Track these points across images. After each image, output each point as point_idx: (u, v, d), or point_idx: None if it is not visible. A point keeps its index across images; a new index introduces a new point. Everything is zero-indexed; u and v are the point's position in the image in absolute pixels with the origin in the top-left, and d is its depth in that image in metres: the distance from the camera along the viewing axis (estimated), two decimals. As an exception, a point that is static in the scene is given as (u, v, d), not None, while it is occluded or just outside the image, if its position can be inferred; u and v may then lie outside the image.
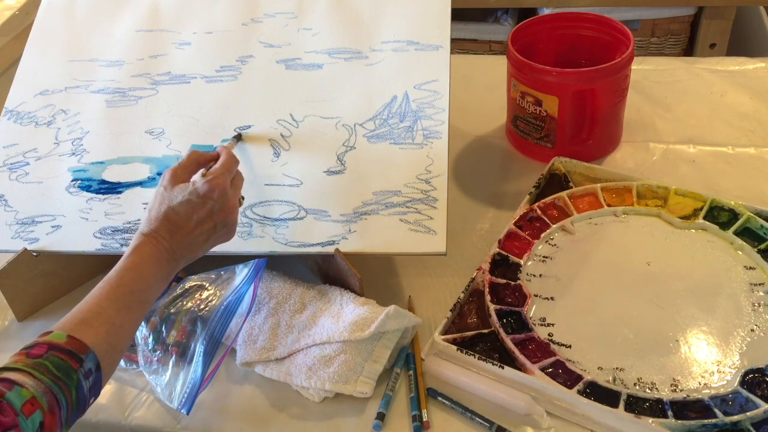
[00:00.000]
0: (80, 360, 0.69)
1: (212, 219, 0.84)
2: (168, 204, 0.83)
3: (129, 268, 0.79)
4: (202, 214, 0.84)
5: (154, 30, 1.12)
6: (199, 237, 0.84)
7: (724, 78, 1.32)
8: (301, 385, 0.86)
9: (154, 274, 0.80)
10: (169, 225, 0.82)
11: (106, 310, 0.74)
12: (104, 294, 0.76)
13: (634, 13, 1.96)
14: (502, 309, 0.91)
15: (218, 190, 0.84)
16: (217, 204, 0.84)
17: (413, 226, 0.93)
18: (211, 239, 0.86)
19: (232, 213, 0.87)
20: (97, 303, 0.75)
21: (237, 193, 0.89)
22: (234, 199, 0.88)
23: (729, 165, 1.14)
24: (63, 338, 0.70)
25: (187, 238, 0.83)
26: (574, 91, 1.09)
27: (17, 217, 1.02)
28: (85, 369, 0.69)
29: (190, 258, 0.86)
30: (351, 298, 0.91)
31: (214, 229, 0.85)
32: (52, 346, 0.69)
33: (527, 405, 0.82)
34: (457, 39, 2.10)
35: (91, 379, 0.70)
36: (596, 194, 1.06)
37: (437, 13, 1.04)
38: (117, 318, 0.75)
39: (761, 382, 0.81)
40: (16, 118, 1.09)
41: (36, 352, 0.68)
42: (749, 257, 0.95)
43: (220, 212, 0.85)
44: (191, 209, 0.83)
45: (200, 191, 0.84)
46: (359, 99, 1.01)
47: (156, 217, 0.83)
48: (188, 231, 0.83)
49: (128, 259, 0.79)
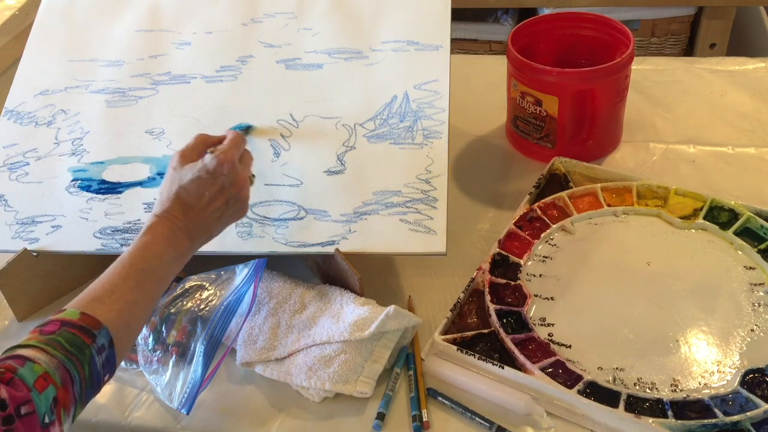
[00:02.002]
0: (93, 335, 0.69)
1: (224, 194, 0.85)
2: (179, 183, 0.84)
3: (141, 247, 0.79)
4: (214, 190, 0.84)
5: (154, 30, 1.12)
6: (213, 214, 0.85)
7: (724, 78, 1.32)
8: (301, 385, 0.86)
9: (167, 253, 0.80)
10: (182, 204, 0.83)
11: (118, 287, 0.75)
12: (116, 273, 0.76)
13: (634, 13, 1.96)
14: (502, 309, 0.91)
15: (227, 165, 0.84)
16: (228, 179, 0.85)
17: (413, 226, 0.93)
18: (225, 216, 0.86)
19: (243, 188, 0.87)
20: (110, 281, 0.75)
21: (247, 169, 0.90)
22: (244, 173, 0.88)
23: (729, 165, 1.14)
24: (76, 315, 0.70)
25: (200, 215, 0.84)
26: (574, 91, 1.09)
27: (17, 217, 1.01)
28: (98, 344, 0.69)
29: (207, 237, 0.86)
30: (351, 298, 0.91)
31: (227, 205, 0.86)
32: (65, 322, 0.69)
33: (527, 405, 0.82)
34: (457, 39, 2.10)
35: (105, 355, 0.70)
36: (596, 194, 1.06)
37: (437, 13, 1.04)
38: (130, 295, 0.75)
39: (761, 382, 0.81)
40: (16, 118, 1.09)
41: (49, 329, 0.68)
42: (749, 257, 0.95)
43: (231, 187, 0.85)
44: (203, 186, 0.83)
45: (209, 167, 0.84)
46: (359, 99, 1.01)
47: (168, 198, 0.83)
48: (201, 208, 0.83)
49: (141, 240, 0.80)
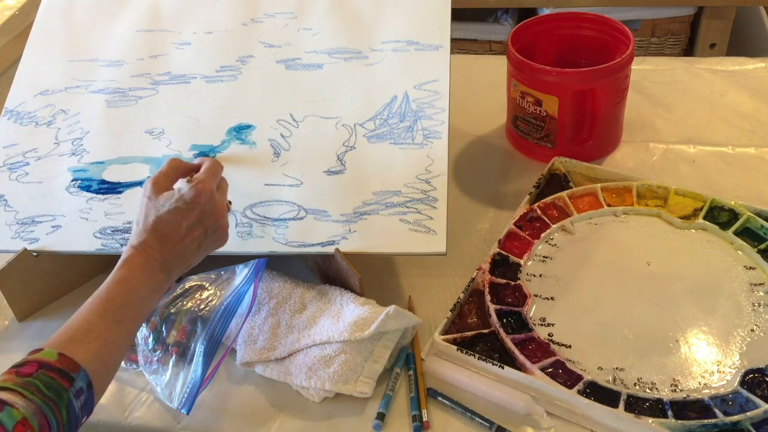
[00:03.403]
0: (71, 379, 0.68)
1: (203, 224, 0.83)
2: (156, 213, 0.81)
3: (118, 281, 0.77)
4: (192, 220, 0.82)
5: (154, 30, 1.12)
6: (191, 244, 0.83)
7: (724, 78, 1.32)
8: (301, 385, 0.86)
9: (144, 286, 0.79)
10: (159, 235, 0.81)
11: (96, 326, 0.73)
12: (94, 309, 0.75)
13: (634, 13, 1.96)
14: (502, 309, 0.91)
15: (205, 195, 0.83)
16: (206, 209, 0.83)
17: (413, 226, 0.93)
18: (203, 246, 0.85)
19: (222, 217, 0.86)
20: (87, 319, 0.74)
21: (224, 197, 0.88)
22: (222, 203, 0.86)
23: (729, 165, 1.14)
24: (54, 356, 0.68)
25: (178, 246, 0.82)
26: (574, 91, 1.09)
27: (17, 217, 1.01)
28: (75, 388, 0.68)
29: (184, 267, 0.84)
30: (351, 298, 0.91)
31: (206, 234, 0.84)
32: (42, 364, 0.67)
33: (527, 405, 0.81)
34: (457, 39, 2.10)
35: (83, 398, 0.69)
36: (596, 194, 1.06)
37: (437, 13, 1.04)
38: (108, 334, 0.73)
39: (761, 382, 0.81)
40: (16, 118, 1.08)
41: (26, 371, 0.67)
42: (749, 257, 0.95)
43: (210, 217, 0.84)
44: (180, 216, 0.81)
45: (187, 197, 0.82)
46: (359, 99, 1.01)
47: (145, 229, 0.81)
48: (179, 239, 0.82)
49: (117, 273, 0.78)
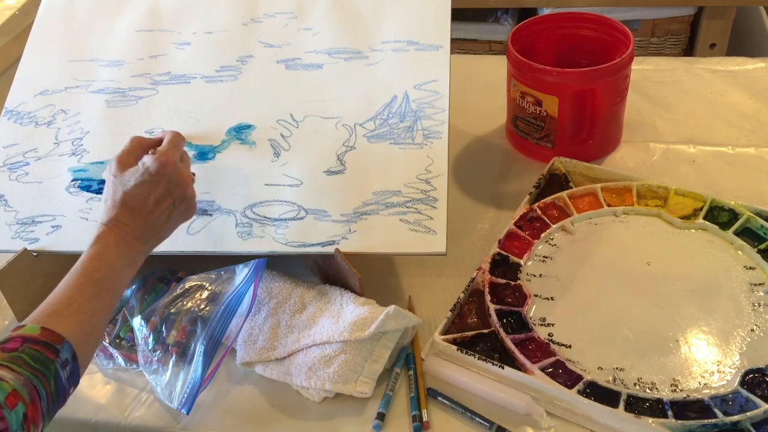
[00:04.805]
0: (56, 350, 0.69)
1: (170, 195, 0.85)
2: (123, 189, 0.83)
3: (93, 257, 0.79)
4: (159, 192, 0.84)
5: (154, 30, 1.12)
6: (160, 216, 0.84)
7: (724, 78, 1.32)
8: (301, 385, 0.86)
9: (119, 260, 0.80)
10: (128, 210, 0.82)
11: (75, 300, 0.74)
12: (72, 285, 0.76)
13: (634, 13, 1.96)
14: (502, 309, 0.91)
15: (170, 166, 0.84)
16: (173, 179, 0.84)
17: (413, 226, 0.93)
18: (173, 217, 0.86)
19: (188, 186, 0.87)
20: (67, 294, 0.75)
21: (188, 168, 0.90)
22: (187, 173, 0.88)
23: (729, 165, 1.14)
24: (36, 330, 0.70)
25: (148, 220, 0.83)
26: (574, 91, 1.09)
27: (17, 217, 1.01)
28: (61, 359, 0.69)
29: (157, 239, 0.86)
30: (351, 298, 0.91)
31: (174, 205, 0.86)
32: (27, 338, 0.69)
33: (527, 405, 0.81)
34: (457, 39, 2.10)
35: (69, 369, 0.70)
36: (596, 194, 1.06)
37: (437, 13, 1.04)
38: (88, 307, 0.75)
39: (761, 382, 0.81)
40: (16, 118, 1.09)
41: (11, 346, 0.68)
42: (749, 257, 0.95)
43: (177, 187, 0.85)
44: (147, 189, 0.83)
45: (152, 169, 0.83)
46: (359, 99, 1.01)
47: (113, 205, 0.83)
48: (149, 212, 0.83)
49: (91, 250, 0.79)
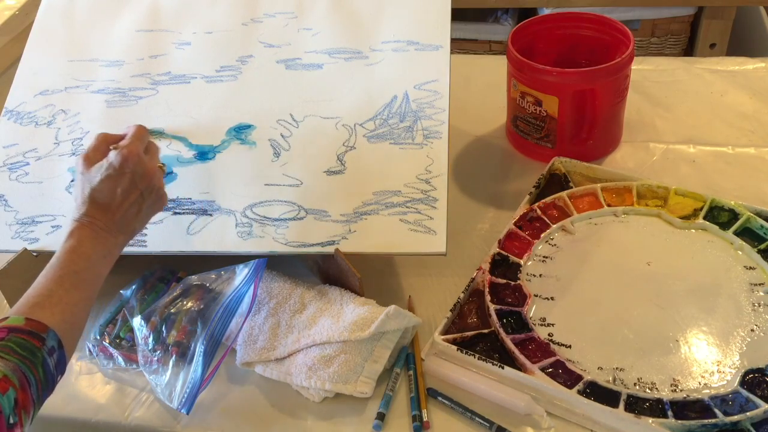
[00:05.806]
0: (42, 339, 0.70)
1: (136, 188, 0.85)
2: (90, 185, 0.84)
3: (68, 251, 0.80)
4: (125, 185, 0.84)
5: (154, 30, 1.12)
6: (130, 209, 0.85)
7: (724, 78, 1.32)
8: (301, 385, 0.86)
9: (95, 252, 0.81)
10: (97, 205, 0.83)
11: (55, 292, 0.76)
12: (50, 278, 0.77)
13: (634, 13, 1.96)
14: (502, 309, 0.91)
15: (132, 158, 0.85)
16: (137, 171, 0.85)
17: (413, 226, 0.93)
18: (143, 209, 0.87)
19: (153, 177, 0.87)
20: (46, 287, 0.76)
21: (154, 160, 0.90)
22: (152, 164, 0.88)
23: (729, 165, 1.14)
24: (21, 321, 0.71)
25: (118, 213, 0.84)
26: (574, 91, 1.09)
27: (17, 217, 1.01)
28: (47, 347, 0.70)
29: (130, 232, 0.87)
30: (351, 298, 0.91)
31: (142, 197, 0.86)
32: (12, 329, 0.70)
33: (527, 405, 0.81)
34: (457, 39, 2.10)
35: (55, 357, 0.71)
36: (596, 194, 1.06)
37: (437, 13, 1.04)
38: (68, 298, 0.76)
39: (761, 382, 0.81)
40: (16, 118, 1.09)
41: None
42: (749, 257, 0.95)
43: (142, 179, 0.86)
44: (113, 183, 0.84)
45: (115, 163, 0.84)
46: (359, 99, 1.01)
47: (83, 202, 0.84)
48: (117, 205, 0.84)
49: (66, 244, 0.80)
